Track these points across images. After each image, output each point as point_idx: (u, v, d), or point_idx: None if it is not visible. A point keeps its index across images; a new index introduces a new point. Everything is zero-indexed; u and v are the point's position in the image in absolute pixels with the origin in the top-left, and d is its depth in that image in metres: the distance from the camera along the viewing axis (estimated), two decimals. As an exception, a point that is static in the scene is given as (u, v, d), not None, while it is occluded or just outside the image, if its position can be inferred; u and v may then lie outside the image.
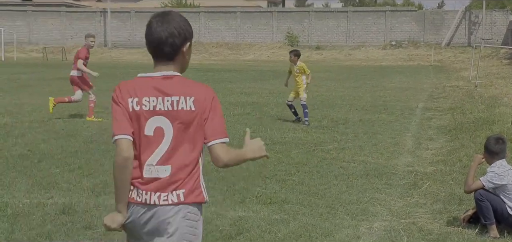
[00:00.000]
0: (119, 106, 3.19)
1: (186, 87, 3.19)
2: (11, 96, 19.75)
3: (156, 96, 3.16)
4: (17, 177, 8.34)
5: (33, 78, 28.79)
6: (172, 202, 3.16)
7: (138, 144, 3.18)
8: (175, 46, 3.22)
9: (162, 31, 3.19)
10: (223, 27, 62.04)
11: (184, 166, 3.18)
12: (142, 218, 3.22)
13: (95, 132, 12.38)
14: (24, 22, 65.20)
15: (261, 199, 7.41)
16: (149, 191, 3.17)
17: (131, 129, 3.17)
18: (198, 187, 3.23)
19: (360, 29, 59.07)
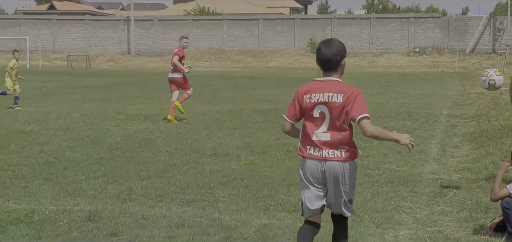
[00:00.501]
0: (296, 100, 4.95)
1: (339, 88, 4.75)
2: (36, 104, 19.98)
3: (321, 92, 4.77)
4: (43, 183, 8.42)
5: (58, 86, 29.10)
6: (337, 158, 4.79)
7: (310, 121, 4.86)
8: (336, 62, 4.81)
9: (328, 53, 4.79)
10: (245, 34, 62.14)
11: (338, 134, 4.75)
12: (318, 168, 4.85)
13: (120, 139, 12.46)
14: (48, 30, 65.88)
15: (285, 207, 7.39)
16: (322, 149, 4.81)
17: (295, 117, 5.01)
18: (351, 148, 4.83)
19: (383, 35, 58.80)
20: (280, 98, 22.66)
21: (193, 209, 7.23)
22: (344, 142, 4.79)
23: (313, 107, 4.81)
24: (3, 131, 13.58)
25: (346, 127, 4.78)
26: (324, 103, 4.75)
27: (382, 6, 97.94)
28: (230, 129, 14.23)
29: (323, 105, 4.76)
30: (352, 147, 4.85)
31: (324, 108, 4.77)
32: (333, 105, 4.72)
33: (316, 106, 4.79)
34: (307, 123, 4.89)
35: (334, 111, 4.72)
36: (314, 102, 4.79)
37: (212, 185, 8.45)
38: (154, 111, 17.69)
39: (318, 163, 4.85)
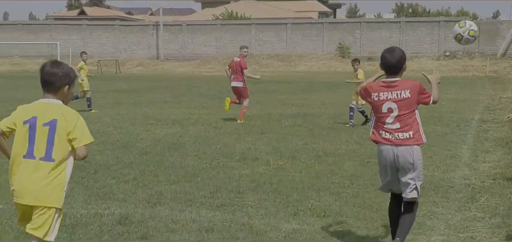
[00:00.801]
0: (366, 96, 5.91)
1: (404, 85, 5.71)
2: (67, 108, 20.16)
3: (388, 91, 5.72)
4: (74, 187, 8.49)
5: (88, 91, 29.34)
6: (406, 143, 5.68)
7: (380, 114, 5.77)
8: (400, 67, 5.76)
9: (393, 60, 5.73)
10: (273, 38, 62.14)
11: (409, 124, 5.68)
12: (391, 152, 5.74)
13: (149, 143, 12.53)
14: (79, 36, 66.65)
15: (315, 212, 7.36)
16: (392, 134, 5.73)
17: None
18: (418, 134, 5.71)
19: (413, 39, 58.34)
20: (309, 102, 22.61)
21: (222, 214, 7.24)
22: (411, 129, 5.69)
23: (381, 104, 5.74)
24: (35, 135, 13.74)
25: (414, 115, 5.72)
26: (392, 100, 5.68)
27: (412, 9, 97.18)
28: (258, 133, 14.23)
29: (391, 102, 5.69)
30: (418, 133, 5.72)
31: (392, 104, 5.68)
32: (402, 100, 5.67)
33: (384, 103, 5.71)
34: (377, 114, 5.84)
35: (401, 105, 5.66)
36: (383, 100, 5.72)
37: (241, 189, 8.45)
38: (182, 116, 17.77)
39: (390, 148, 5.74)
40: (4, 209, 7.33)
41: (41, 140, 4.43)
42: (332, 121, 16.56)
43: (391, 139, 5.72)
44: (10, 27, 69.17)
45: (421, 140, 5.72)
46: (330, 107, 20.63)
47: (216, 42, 63.80)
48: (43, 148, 4.43)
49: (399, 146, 5.69)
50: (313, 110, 19.69)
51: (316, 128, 15.18)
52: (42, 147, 4.43)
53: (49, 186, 4.44)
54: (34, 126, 4.45)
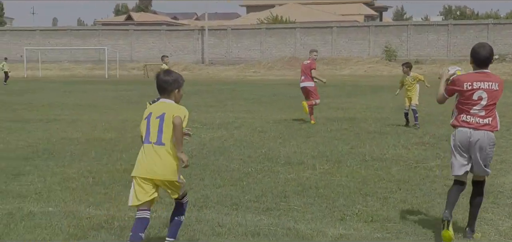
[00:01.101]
0: (455, 86, 6.51)
1: (494, 78, 6.44)
2: (115, 113, 20.50)
3: (481, 81, 6.36)
4: (122, 190, 8.60)
5: (135, 95, 29.79)
6: (485, 129, 6.41)
7: (469, 101, 6.40)
8: (490, 60, 6.48)
9: (486, 54, 6.44)
10: (319, 42, 61.97)
11: (490, 112, 6.41)
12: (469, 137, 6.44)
13: (195, 147, 12.61)
14: (126, 41, 67.66)
15: (361, 217, 7.28)
16: (476, 118, 6.42)
17: (449, 97, 6.72)
18: (495, 122, 6.47)
19: (461, 42, 57.40)
20: (354, 106, 22.44)
21: (268, 218, 7.22)
22: (491, 116, 6.42)
23: (473, 92, 6.35)
24: (83, 139, 13.99)
25: (495, 106, 6.46)
26: (484, 90, 6.33)
27: (460, 12, 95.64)
28: (304, 137, 14.18)
29: (483, 91, 6.33)
30: (495, 120, 6.48)
31: (483, 93, 6.33)
32: (491, 91, 6.36)
33: (476, 92, 6.34)
34: (465, 101, 6.44)
35: (491, 95, 6.34)
36: (475, 89, 6.34)
37: (286, 193, 8.42)
38: (227, 120, 17.83)
39: (471, 131, 6.41)
40: (54, 211, 7.46)
41: (154, 127, 5.77)
42: (378, 125, 16.40)
43: (473, 122, 6.39)
44: (59, 33, 70.65)
45: (497, 127, 6.48)
46: (376, 111, 20.43)
47: (261, 46, 63.95)
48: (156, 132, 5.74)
49: (478, 130, 6.38)
50: (359, 114, 19.53)
51: (362, 132, 15.05)
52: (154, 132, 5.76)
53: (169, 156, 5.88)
54: (149, 120, 5.80)
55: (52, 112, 20.61)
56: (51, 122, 17.69)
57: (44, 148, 12.63)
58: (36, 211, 7.46)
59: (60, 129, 15.82)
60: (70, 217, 7.20)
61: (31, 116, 19.27)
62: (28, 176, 9.62)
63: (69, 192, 8.54)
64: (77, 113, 20.36)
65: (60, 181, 9.25)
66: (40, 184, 9.03)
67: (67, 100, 26.18)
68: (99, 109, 21.93)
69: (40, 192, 8.54)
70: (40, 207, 7.70)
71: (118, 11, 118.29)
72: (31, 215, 7.31)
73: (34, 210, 7.51)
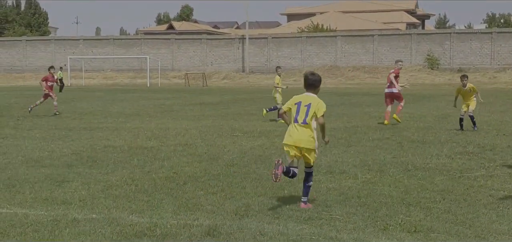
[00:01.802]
0: None
1: None
2: (157, 121, 20.70)
3: None
4: (164, 198, 8.65)
5: (177, 104, 30.03)
6: None
7: None
8: None
9: None
10: (360, 50, 61.61)
11: None
12: None
13: (236, 156, 12.63)
14: (167, 50, 68.32)
15: (405, 227, 7.17)
16: None
17: None
18: None
19: (505, 51, 56.38)
20: (396, 115, 22.19)
21: (310, 227, 7.17)
22: None
23: None
24: (126, 147, 14.15)
25: None
26: None
27: (504, 19, 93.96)
28: (345, 146, 14.08)
29: None
30: None
31: None
32: None
33: None
34: None
35: None
36: None
37: (328, 202, 8.36)
38: (268, 128, 17.83)
39: None
40: (97, 218, 7.55)
41: (302, 112, 8.08)
42: (421, 134, 16.19)
43: None
44: (102, 42, 71.76)
45: None
46: (418, 120, 20.18)
47: (301, 54, 63.88)
48: (302, 115, 8.08)
49: None
50: (402, 123, 19.31)
51: (404, 141, 14.88)
52: (301, 115, 8.09)
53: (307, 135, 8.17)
54: (300, 106, 8.10)
55: (95, 121, 20.92)
56: (94, 130, 17.95)
57: (87, 155, 12.82)
58: (80, 218, 7.56)
59: (103, 137, 16.04)
60: (113, 224, 7.27)
61: (75, 125, 19.59)
62: (72, 183, 9.76)
63: (112, 199, 8.63)
64: (119, 121, 20.61)
65: (103, 188, 9.36)
66: (84, 191, 9.15)
67: (110, 109, 26.54)
68: (141, 117, 22.17)
69: (84, 199, 8.65)
70: (84, 214, 7.79)
71: (160, 21, 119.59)
72: (75, 221, 7.41)
73: (78, 217, 7.60)
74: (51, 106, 24.51)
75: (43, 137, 16.05)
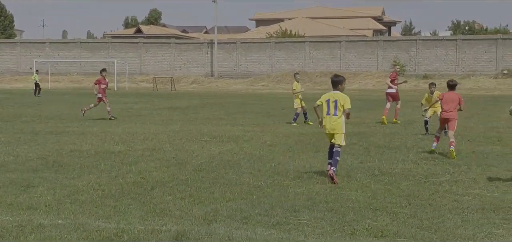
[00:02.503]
0: None
1: None
2: (124, 125, 20.55)
3: None
4: (131, 203, 8.60)
5: (145, 108, 29.87)
6: None
7: None
8: None
9: None
10: (327, 56, 62.04)
11: None
12: None
13: (205, 160, 12.61)
14: (135, 53, 67.92)
15: (371, 232, 7.25)
16: None
17: None
18: None
19: (470, 57, 57.34)
20: (363, 121, 22.40)
21: (278, 232, 7.20)
22: None
23: None
24: (93, 151, 14.03)
25: None
26: None
27: (469, 27, 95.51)
28: (313, 151, 14.16)
29: None
30: None
31: None
32: None
33: None
34: None
35: None
36: None
37: (296, 207, 8.40)
38: (237, 133, 17.84)
39: None
40: (63, 224, 7.47)
41: (332, 106, 10.39)
42: (387, 139, 16.36)
43: None
44: (69, 45, 71.04)
45: None
46: (385, 125, 20.38)
47: (270, 60, 64.06)
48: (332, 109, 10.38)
49: None
50: (368, 128, 19.49)
51: (371, 146, 15.02)
52: (331, 109, 10.39)
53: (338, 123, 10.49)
54: (329, 102, 10.40)
55: (62, 125, 20.70)
56: (61, 134, 17.75)
57: (53, 160, 12.67)
58: (46, 224, 7.47)
59: (69, 141, 15.87)
60: (79, 230, 7.20)
61: (41, 128, 19.35)
62: (38, 188, 9.64)
63: (79, 204, 8.55)
64: (86, 125, 20.42)
65: (70, 194, 9.27)
66: (50, 197, 9.04)
67: (77, 113, 26.28)
68: (108, 121, 21.99)
69: (50, 204, 8.55)
70: (50, 219, 7.71)
71: (128, 24, 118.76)
72: (41, 227, 7.32)
73: (43, 223, 7.51)
74: (16, 109, 24.14)
75: (8, 141, 15.82)
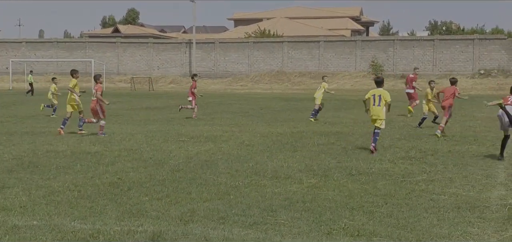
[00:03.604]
0: None
1: None
2: (101, 125, 20.36)
3: None
4: (108, 204, 8.55)
5: (122, 108, 29.68)
6: None
7: None
8: None
9: None
10: (306, 56, 62.12)
11: None
12: None
13: (182, 161, 12.57)
14: (113, 53, 67.44)
15: (348, 231, 7.27)
16: None
17: None
18: None
19: (447, 57, 57.83)
20: (341, 120, 22.49)
21: (255, 232, 7.20)
22: None
23: None
24: (69, 152, 13.91)
25: None
26: None
27: (446, 27, 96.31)
28: (291, 151, 14.19)
29: None
30: None
31: None
32: None
33: None
34: None
35: None
36: None
37: (274, 207, 8.41)
38: (215, 133, 17.81)
39: None
40: (38, 225, 7.40)
41: (377, 99, 14.20)
42: (365, 139, 16.44)
43: None
44: (46, 44, 70.32)
45: None
46: (362, 125, 20.48)
47: (248, 59, 64.02)
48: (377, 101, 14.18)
49: None
50: (346, 128, 19.57)
51: (349, 146, 15.09)
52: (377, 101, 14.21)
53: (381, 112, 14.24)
54: (375, 96, 14.30)
55: (38, 125, 20.50)
56: (37, 134, 17.58)
57: (29, 160, 12.55)
58: (21, 225, 7.39)
59: (45, 142, 15.73)
60: (55, 231, 7.14)
61: (17, 129, 19.14)
62: (13, 189, 9.54)
63: (54, 205, 8.47)
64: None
65: (45, 194, 9.18)
66: (25, 197, 8.95)
67: (53, 113, 26.02)
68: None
69: (25, 205, 8.47)
70: (25, 220, 7.63)
71: (105, 24, 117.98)
72: (15, 228, 7.24)
73: (18, 224, 7.44)
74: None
75: (-18, 142, 15.63)
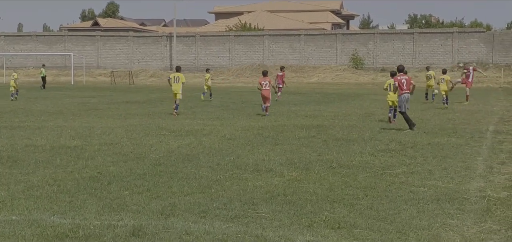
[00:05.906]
0: None
1: None
2: (81, 119, 20.27)
3: None
4: (87, 198, 8.50)
5: (102, 102, 29.52)
6: None
7: None
8: None
9: None
10: (287, 50, 62.18)
11: None
12: None
13: (163, 155, 12.53)
14: (92, 47, 66.98)
15: (329, 223, 7.30)
16: None
17: None
18: None
19: (426, 51, 58.20)
20: (322, 114, 22.55)
21: (236, 225, 7.20)
22: None
23: None
24: (48, 146, 13.80)
25: None
26: None
27: (425, 20, 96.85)
28: (272, 144, 14.20)
29: None
30: None
31: None
32: None
33: None
34: None
35: None
36: None
37: (255, 201, 8.41)
38: (196, 127, 17.77)
39: None
40: (17, 220, 7.34)
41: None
42: (345, 132, 16.50)
43: None
44: (24, 38, 69.69)
45: None
46: (343, 118, 20.56)
47: (229, 53, 63.94)
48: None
49: None
50: (327, 121, 19.63)
51: (329, 139, 15.13)
52: None
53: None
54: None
55: (17, 119, 20.31)
56: (15, 128, 17.42)
57: (7, 155, 12.43)
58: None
59: (24, 136, 15.59)
60: (34, 225, 7.08)
61: (-5, 123, 18.95)
62: (-9, 184, 9.44)
63: (33, 200, 8.40)
64: (42, 120, 20.08)
65: (24, 189, 9.11)
66: (3, 192, 8.87)
67: (32, 107, 25.82)
68: (64, 116, 21.67)
69: (3, 200, 8.39)
70: (3, 215, 7.56)
71: (85, 17, 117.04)
72: (-6, 224, 7.17)
73: (-3, 219, 7.36)
74: None
75: (-40, 137, 15.46)
